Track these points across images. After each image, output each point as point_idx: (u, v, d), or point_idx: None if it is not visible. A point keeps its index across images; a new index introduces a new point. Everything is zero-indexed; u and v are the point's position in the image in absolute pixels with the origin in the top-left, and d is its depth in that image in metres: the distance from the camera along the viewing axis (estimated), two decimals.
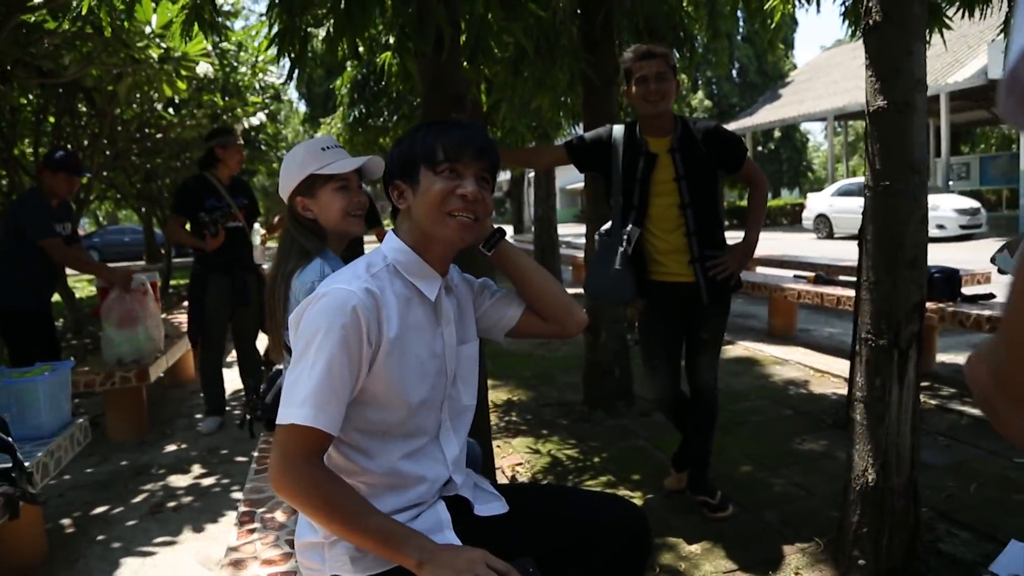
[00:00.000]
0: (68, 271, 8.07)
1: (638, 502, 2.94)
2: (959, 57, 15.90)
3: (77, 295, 8.92)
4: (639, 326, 2.85)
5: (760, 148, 28.23)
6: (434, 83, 2.68)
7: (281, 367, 2.05)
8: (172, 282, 11.33)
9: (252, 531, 1.86)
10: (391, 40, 2.97)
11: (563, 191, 30.02)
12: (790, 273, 6.70)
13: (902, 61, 2.04)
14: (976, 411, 3.73)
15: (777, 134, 29.00)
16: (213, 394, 4.30)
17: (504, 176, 11.95)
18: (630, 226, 2.67)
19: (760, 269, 7.89)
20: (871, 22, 2.09)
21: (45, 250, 3.70)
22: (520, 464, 3.47)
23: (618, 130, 2.75)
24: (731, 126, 20.48)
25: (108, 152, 7.96)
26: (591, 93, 3.95)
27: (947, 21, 3.77)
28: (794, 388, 4.55)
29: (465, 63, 3.31)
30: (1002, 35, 3.90)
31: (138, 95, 6.25)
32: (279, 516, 2.03)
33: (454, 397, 1.45)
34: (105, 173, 8.99)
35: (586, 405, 4.32)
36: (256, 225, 4.03)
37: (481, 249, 1.49)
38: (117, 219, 21.91)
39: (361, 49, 3.65)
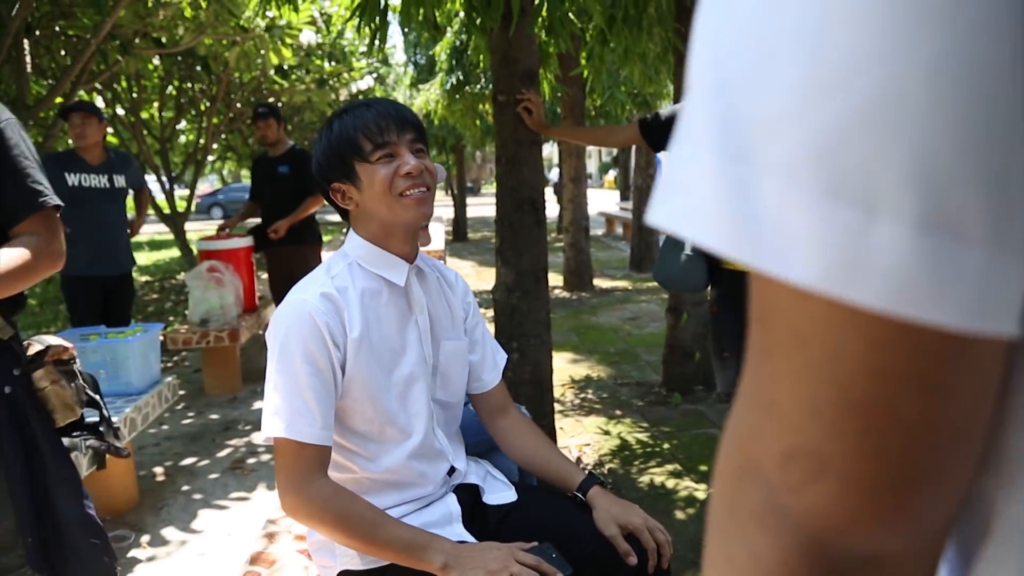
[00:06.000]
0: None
1: (700, 496, 2.85)
2: None
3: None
4: (710, 317, 2.72)
5: None
6: (504, 59, 2.62)
7: None
8: None
9: None
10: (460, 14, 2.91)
11: None
12: None
13: None
14: None
15: None
16: None
17: None
18: None
19: None
20: None
21: None
22: (588, 444, 3.43)
23: None
24: None
25: (225, 116, 8.39)
26: (681, 64, 3.76)
27: None
28: None
29: (543, 35, 3.23)
30: None
31: (247, 63, 6.52)
32: None
33: (436, 391, 1.42)
34: (224, 136, 9.49)
35: (664, 387, 4.22)
36: None
37: (576, 493, 1.40)
38: (240, 177, 23.19)
39: (439, 19, 3.61)
